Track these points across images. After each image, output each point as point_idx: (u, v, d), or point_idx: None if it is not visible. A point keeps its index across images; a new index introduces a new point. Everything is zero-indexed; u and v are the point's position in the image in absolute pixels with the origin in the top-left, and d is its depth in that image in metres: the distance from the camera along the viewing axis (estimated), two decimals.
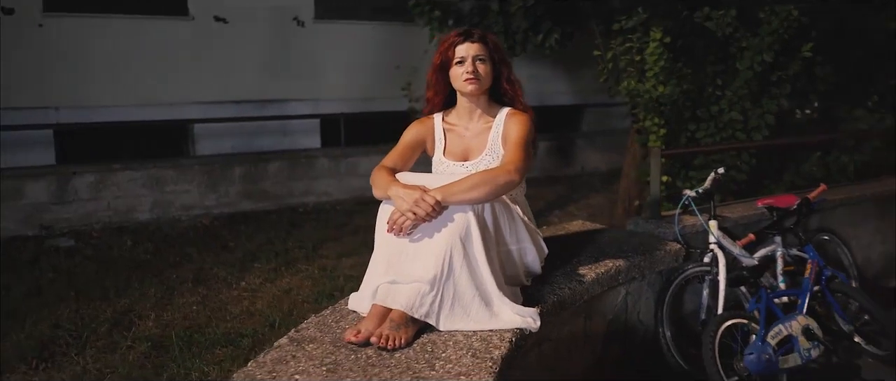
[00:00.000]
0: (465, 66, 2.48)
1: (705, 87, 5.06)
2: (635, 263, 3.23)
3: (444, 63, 2.54)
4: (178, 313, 4.10)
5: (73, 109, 7.11)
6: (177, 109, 7.81)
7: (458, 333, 2.25)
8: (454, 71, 2.51)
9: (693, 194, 3.59)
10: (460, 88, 2.54)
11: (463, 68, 2.48)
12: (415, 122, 2.70)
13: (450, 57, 2.51)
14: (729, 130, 5.04)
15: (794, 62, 4.79)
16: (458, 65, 2.49)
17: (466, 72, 2.47)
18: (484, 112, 2.62)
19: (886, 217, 4.79)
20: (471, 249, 2.26)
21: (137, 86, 7.56)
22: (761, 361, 3.04)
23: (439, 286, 2.23)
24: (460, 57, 2.49)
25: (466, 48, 2.49)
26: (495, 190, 2.30)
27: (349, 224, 6.61)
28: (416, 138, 2.66)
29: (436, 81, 2.61)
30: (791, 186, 5.21)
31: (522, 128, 2.53)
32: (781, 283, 3.58)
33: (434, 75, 2.60)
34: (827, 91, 5.20)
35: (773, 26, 4.60)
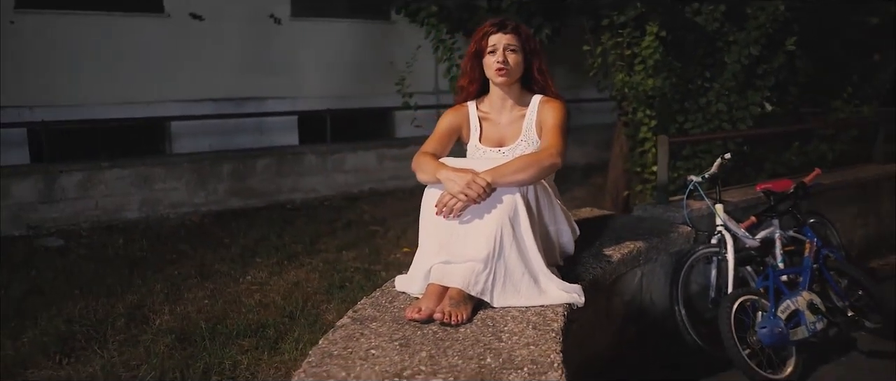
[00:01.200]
0: (497, 55, 2.55)
1: (694, 79, 5.26)
2: (653, 244, 3.38)
3: (478, 52, 2.61)
4: (191, 307, 4.10)
5: (47, 108, 6.95)
6: (154, 107, 7.72)
7: (513, 309, 2.35)
8: (487, 60, 2.58)
9: (698, 179, 3.76)
10: (492, 77, 2.61)
11: (495, 58, 2.55)
12: (449, 110, 2.76)
13: (483, 46, 2.58)
14: (716, 121, 5.26)
15: (779, 56, 5.03)
16: (491, 54, 2.56)
17: (498, 61, 2.55)
18: (516, 101, 2.71)
19: (866, 202, 5.07)
20: (519, 228, 2.35)
21: (113, 84, 7.45)
22: (774, 333, 3.22)
23: (492, 265, 2.32)
24: (492, 46, 2.56)
25: (499, 38, 2.56)
26: (541, 172, 2.40)
27: (340, 219, 6.64)
28: (451, 125, 2.72)
29: (470, 69, 2.68)
30: (773, 173, 5.44)
31: (559, 114, 2.64)
32: (781, 262, 3.78)
33: (469, 63, 2.68)
34: (807, 83, 5.46)
35: (760, 21, 4.82)
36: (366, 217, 6.72)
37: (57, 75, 7.14)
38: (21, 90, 6.94)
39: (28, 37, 7.03)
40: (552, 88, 2.75)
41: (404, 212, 6.84)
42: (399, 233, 5.97)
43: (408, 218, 6.54)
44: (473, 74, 2.69)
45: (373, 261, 5.10)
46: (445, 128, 2.70)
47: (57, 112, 6.95)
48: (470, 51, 2.66)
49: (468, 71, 2.71)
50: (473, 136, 2.74)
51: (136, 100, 7.62)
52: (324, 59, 8.92)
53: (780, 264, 3.75)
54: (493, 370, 1.89)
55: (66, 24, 7.24)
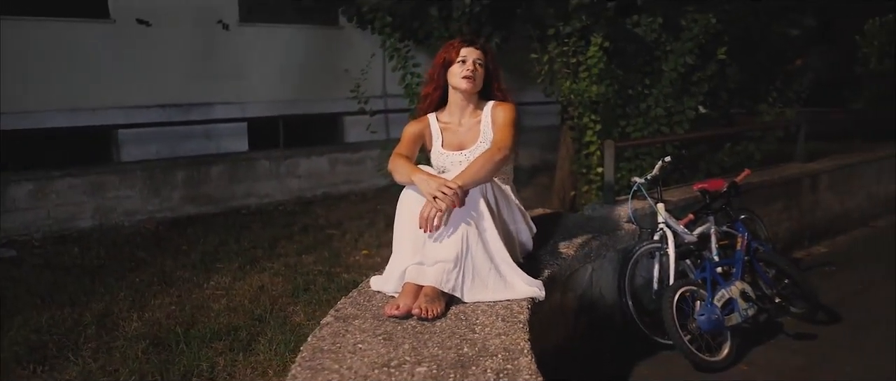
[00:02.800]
0: (466, 65, 2.81)
1: (635, 86, 5.61)
2: (602, 242, 3.67)
3: (447, 62, 2.85)
4: (159, 313, 4.17)
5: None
6: (100, 114, 7.65)
7: (482, 304, 2.58)
8: (454, 68, 2.82)
9: (642, 181, 4.07)
10: (456, 85, 2.84)
11: (463, 67, 2.81)
12: (412, 121, 3.00)
13: (452, 57, 2.82)
14: (655, 125, 5.63)
15: (711, 64, 5.43)
16: (460, 64, 2.81)
17: (467, 69, 2.80)
18: (474, 108, 2.95)
19: (790, 197, 5.51)
20: (482, 228, 2.59)
21: (59, 90, 7.35)
22: (711, 320, 3.56)
23: (461, 264, 2.54)
24: (463, 57, 2.81)
25: (469, 51, 2.82)
26: (495, 167, 2.65)
27: (296, 224, 6.75)
28: (416, 133, 2.95)
29: (436, 77, 2.92)
30: (708, 173, 5.85)
31: (509, 113, 2.88)
32: (716, 255, 4.13)
33: (436, 72, 2.91)
34: (736, 88, 5.89)
35: (694, 32, 5.21)
36: (321, 221, 6.84)
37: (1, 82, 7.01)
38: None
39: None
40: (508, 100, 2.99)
41: (359, 215, 7.01)
42: (356, 236, 6.13)
43: (362, 221, 6.72)
44: (439, 82, 2.92)
45: (333, 264, 5.25)
46: (411, 134, 2.93)
47: (2, 120, 6.83)
48: (438, 61, 2.89)
49: (434, 79, 2.94)
50: (436, 142, 2.96)
51: (83, 106, 7.53)
52: (273, 65, 8.98)
53: (715, 257, 4.11)
54: (470, 358, 2.12)
55: (10, 30, 7.11)
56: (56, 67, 7.33)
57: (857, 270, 5.21)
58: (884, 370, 3.56)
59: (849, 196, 6.24)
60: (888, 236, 6.18)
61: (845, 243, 5.95)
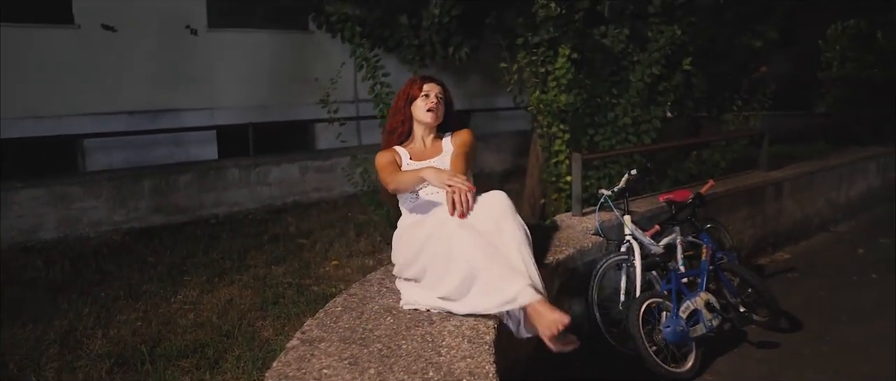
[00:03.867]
0: (430, 99, 3.09)
1: (603, 96, 5.67)
2: (570, 255, 3.71)
3: (411, 97, 3.12)
4: (124, 330, 4.12)
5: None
6: (65, 122, 7.52)
7: (448, 324, 2.60)
8: (418, 103, 3.10)
9: (609, 193, 4.12)
10: (421, 118, 3.10)
11: (427, 101, 3.09)
12: (379, 157, 3.15)
13: (416, 93, 3.10)
14: (623, 134, 5.69)
15: (677, 74, 5.51)
16: (423, 98, 3.09)
17: (430, 102, 3.08)
18: (434, 138, 3.22)
19: (754, 205, 5.62)
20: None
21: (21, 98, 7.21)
22: (676, 332, 3.61)
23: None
24: (426, 92, 3.10)
25: (431, 87, 3.12)
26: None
27: (266, 233, 6.70)
28: (391, 159, 3.13)
29: (402, 111, 3.17)
30: (675, 180, 5.93)
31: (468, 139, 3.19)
32: (682, 266, 4.20)
33: (400, 107, 3.17)
34: (701, 98, 5.99)
35: (660, 43, 5.27)
36: (292, 230, 6.80)
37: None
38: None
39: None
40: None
41: (329, 224, 6.98)
42: (326, 246, 6.10)
43: (333, 230, 6.69)
44: (405, 115, 3.17)
45: (303, 275, 5.23)
46: (389, 160, 3.12)
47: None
48: (401, 98, 3.16)
49: (400, 112, 3.17)
50: (404, 160, 3.16)
51: (47, 114, 7.39)
52: (242, 71, 8.91)
53: (681, 268, 4.17)
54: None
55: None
56: (19, 74, 7.19)
57: (819, 275, 5.33)
58: (842, 375, 3.64)
59: (810, 203, 6.39)
60: (848, 241, 6.33)
61: (808, 249, 6.09)
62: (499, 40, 6.23)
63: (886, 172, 7.83)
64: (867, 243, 6.20)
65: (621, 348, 3.85)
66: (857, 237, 6.46)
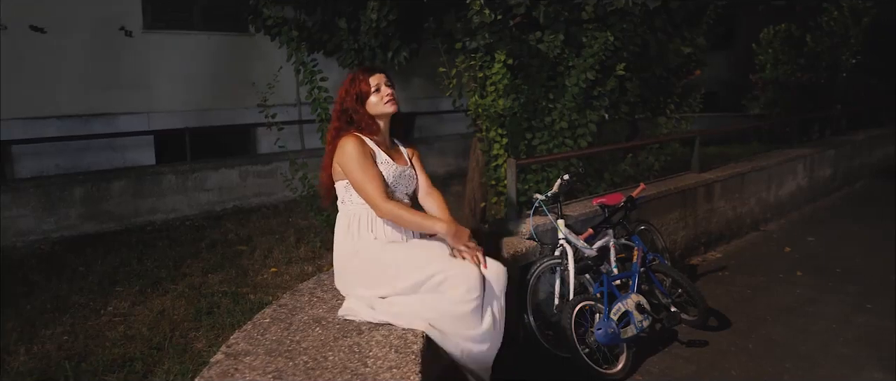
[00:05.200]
0: (383, 91, 2.93)
1: (539, 100, 5.75)
2: (504, 261, 3.74)
3: (362, 95, 2.92)
4: (50, 345, 3.98)
5: None
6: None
7: (377, 334, 2.60)
8: (372, 99, 2.92)
9: (543, 197, 4.18)
10: (384, 111, 2.94)
11: (382, 94, 2.92)
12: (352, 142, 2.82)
13: (365, 89, 2.91)
14: (560, 138, 5.79)
15: (611, 79, 5.62)
16: (376, 93, 2.92)
17: (387, 94, 2.93)
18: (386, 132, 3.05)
19: (686, 206, 5.78)
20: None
21: None
22: (607, 334, 3.69)
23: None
24: (375, 86, 2.92)
25: (377, 79, 2.93)
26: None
27: (204, 240, 6.57)
28: (365, 150, 2.85)
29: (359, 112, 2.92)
30: (611, 184, 6.06)
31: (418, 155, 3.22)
32: (614, 268, 4.29)
33: (356, 108, 2.92)
34: (635, 102, 6.13)
35: (595, 49, 5.37)
36: (231, 236, 6.68)
37: None
38: None
39: None
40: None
41: (270, 229, 6.89)
42: (265, 252, 6.02)
43: (273, 236, 6.60)
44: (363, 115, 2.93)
45: (240, 283, 5.15)
46: (364, 153, 2.83)
47: None
48: (350, 100, 2.92)
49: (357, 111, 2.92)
50: (380, 154, 2.92)
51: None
52: (180, 74, 8.72)
53: (614, 270, 4.27)
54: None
55: None
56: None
57: (748, 273, 5.52)
58: (766, 373, 3.78)
59: (742, 203, 6.61)
60: (777, 239, 6.58)
61: (738, 248, 6.30)
62: (438, 44, 6.24)
63: (813, 172, 8.17)
64: (794, 242, 6.45)
65: (555, 350, 3.92)
66: (786, 236, 6.72)
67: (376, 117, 2.94)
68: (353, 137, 2.83)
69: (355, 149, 2.79)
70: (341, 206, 2.95)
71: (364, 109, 2.92)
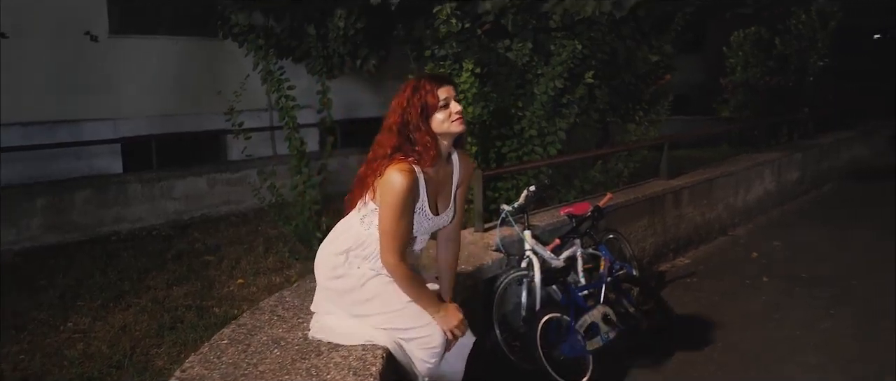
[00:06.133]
0: (452, 108, 2.48)
1: (509, 108, 5.75)
2: (470, 274, 3.73)
3: (428, 108, 2.46)
4: (5, 365, 3.87)
5: None
6: None
7: (336, 355, 2.56)
8: (438, 116, 2.46)
9: (510, 208, 4.17)
10: (449, 130, 2.49)
11: (449, 111, 2.47)
12: (404, 178, 2.39)
13: (432, 102, 2.46)
14: (529, 145, 5.79)
15: (580, 87, 5.64)
16: (443, 109, 2.47)
17: (456, 112, 2.48)
18: (447, 152, 2.61)
19: (654, 213, 5.81)
20: None
21: None
22: (574, 346, 3.69)
23: None
24: (444, 101, 2.47)
25: (446, 91, 2.49)
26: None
27: (170, 250, 6.45)
28: (411, 197, 2.46)
29: (420, 128, 2.46)
30: (580, 191, 6.07)
31: (471, 175, 2.87)
32: (582, 278, 4.29)
33: (418, 124, 2.46)
34: (605, 109, 6.16)
35: (563, 57, 5.39)
36: (198, 246, 6.58)
37: None
38: None
39: None
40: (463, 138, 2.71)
41: (238, 238, 6.80)
42: (233, 263, 5.93)
43: (241, 246, 6.51)
44: (424, 131, 2.47)
45: (205, 296, 5.06)
46: (409, 202, 2.44)
47: None
48: (414, 112, 2.46)
49: (424, 130, 2.46)
50: (422, 202, 2.54)
51: None
52: (148, 79, 8.57)
53: (581, 280, 4.27)
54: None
55: None
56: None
57: (716, 279, 5.56)
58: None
59: (710, 208, 6.66)
60: (744, 244, 6.64)
61: (706, 254, 6.35)
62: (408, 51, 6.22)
63: (781, 176, 8.27)
64: (761, 246, 6.52)
65: (522, 363, 3.90)
66: (753, 240, 6.78)
67: (440, 136, 2.51)
68: (407, 170, 2.40)
69: (403, 189, 2.38)
70: (359, 220, 2.57)
71: (428, 125, 2.46)
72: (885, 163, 12.10)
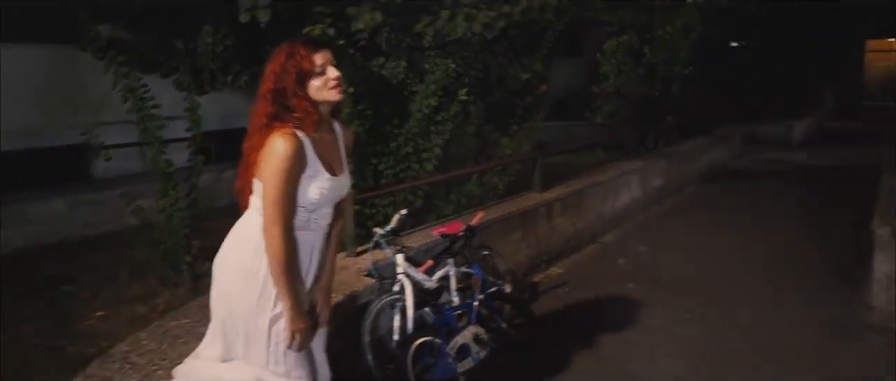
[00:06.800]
0: (328, 73, 2.36)
1: (385, 126, 5.75)
2: (340, 302, 3.70)
3: (302, 76, 2.33)
4: None
5: None
6: None
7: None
8: (314, 82, 2.34)
9: (382, 232, 4.16)
10: (327, 98, 2.38)
11: (328, 76, 2.36)
12: (287, 144, 2.27)
13: (307, 68, 2.33)
14: (406, 162, 5.83)
15: (454, 104, 5.73)
16: (320, 75, 2.35)
17: (333, 78, 2.37)
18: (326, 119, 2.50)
19: (528, 226, 6.00)
20: None
21: None
22: (445, 369, 3.75)
23: None
24: (319, 67, 2.35)
25: (322, 57, 2.36)
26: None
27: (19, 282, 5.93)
28: (298, 162, 2.32)
29: (300, 94, 2.34)
30: (457, 205, 6.17)
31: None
32: (455, 298, 4.35)
33: (298, 91, 2.33)
34: (480, 124, 6.29)
35: (437, 76, 5.46)
36: (54, 274, 6.11)
37: None
38: None
39: None
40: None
41: (99, 265, 6.35)
42: (93, 293, 5.55)
43: (104, 273, 6.11)
44: (302, 98, 2.34)
45: (58, 334, 4.69)
46: (295, 171, 2.32)
47: None
48: (290, 78, 2.33)
49: (295, 94, 2.33)
50: (314, 165, 2.38)
51: None
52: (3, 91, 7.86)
53: (455, 300, 4.32)
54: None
55: None
56: None
57: (586, 288, 5.80)
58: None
59: (581, 218, 6.96)
60: (612, 251, 6.99)
61: (577, 262, 6.62)
62: None
63: (647, 182, 8.78)
64: (628, 252, 6.88)
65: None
66: (621, 247, 7.15)
67: (319, 103, 2.40)
68: (290, 135, 2.28)
69: (287, 155, 2.26)
70: (258, 212, 2.40)
71: (305, 91, 2.35)
72: (738, 165, 13.17)
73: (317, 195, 2.39)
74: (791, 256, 6.75)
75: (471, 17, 5.24)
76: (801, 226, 7.98)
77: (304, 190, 2.37)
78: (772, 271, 6.29)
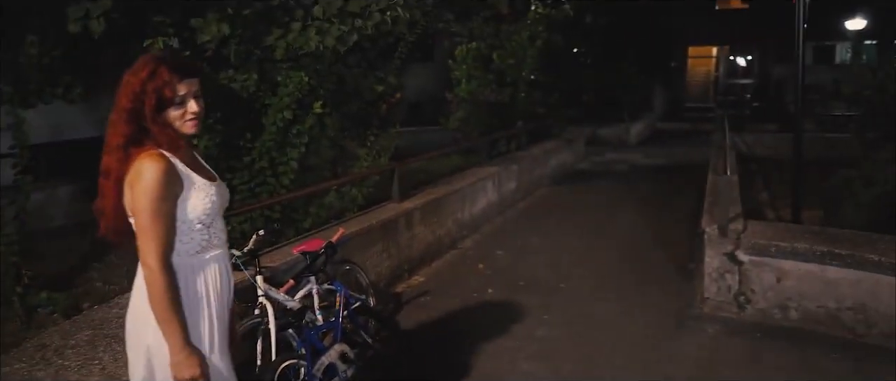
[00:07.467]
0: (189, 106, 2.17)
1: (237, 140, 5.55)
2: None
3: (162, 103, 2.12)
4: None
5: None
6: None
7: None
8: (173, 111, 2.15)
9: (239, 254, 4.01)
10: (180, 129, 2.19)
11: (184, 109, 2.17)
12: (158, 167, 2.09)
13: (168, 96, 2.12)
14: (261, 177, 5.66)
15: (310, 117, 5.64)
16: (178, 106, 2.15)
17: (191, 112, 2.18)
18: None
19: (389, 237, 6.03)
20: None
21: None
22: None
23: None
24: (179, 98, 2.15)
25: (186, 87, 2.16)
26: None
27: None
28: (173, 191, 2.15)
29: (158, 120, 2.13)
30: (317, 218, 6.07)
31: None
32: (320, 316, 4.28)
33: (156, 117, 2.12)
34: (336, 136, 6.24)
35: (290, 89, 5.34)
36: None
37: None
38: None
39: None
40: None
41: None
42: None
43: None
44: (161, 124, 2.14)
45: None
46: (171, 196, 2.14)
47: None
48: (151, 102, 2.11)
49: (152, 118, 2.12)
50: (189, 178, 2.20)
51: None
52: None
53: (319, 319, 4.25)
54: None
55: None
56: None
57: (448, 296, 5.90)
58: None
59: (440, 225, 7.10)
60: (471, 256, 7.18)
61: (438, 269, 6.73)
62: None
63: (501, 187, 9.11)
64: (486, 257, 7.11)
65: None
66: (479, 252, 7.38)
67: (180, 131, 2.21)
68: (157, 156, 2.10)
69: (158, 179, 2.07)
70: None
71: (163, 119, 2.14)
72: (583, 167, 14.04)
73: (208, 204, 2.22)
74: (635, 253, 7.29)
75: (323, 30, 5.17)
76: (641, 223, 8.64)
77: (194, 205, 2.19)
78: (619, 268, 6.76)
